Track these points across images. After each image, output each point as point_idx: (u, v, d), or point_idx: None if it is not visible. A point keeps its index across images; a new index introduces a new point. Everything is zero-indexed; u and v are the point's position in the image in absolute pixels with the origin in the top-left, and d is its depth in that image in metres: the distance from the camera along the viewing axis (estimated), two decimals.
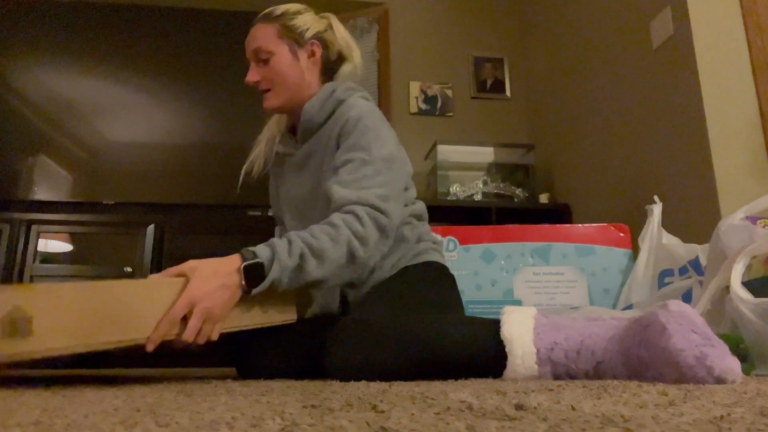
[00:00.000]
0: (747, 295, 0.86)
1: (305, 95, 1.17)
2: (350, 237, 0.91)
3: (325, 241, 0.89)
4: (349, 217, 0.93)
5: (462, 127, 3.14)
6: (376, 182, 0.99)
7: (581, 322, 0.79)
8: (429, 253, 1.17)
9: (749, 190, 1.69)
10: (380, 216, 0.96)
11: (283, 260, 0.85)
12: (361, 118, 1.08)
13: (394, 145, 1.09)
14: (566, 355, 0.75)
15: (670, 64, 1.95)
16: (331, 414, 0.42)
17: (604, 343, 0.74)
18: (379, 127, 1.09)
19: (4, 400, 0.55)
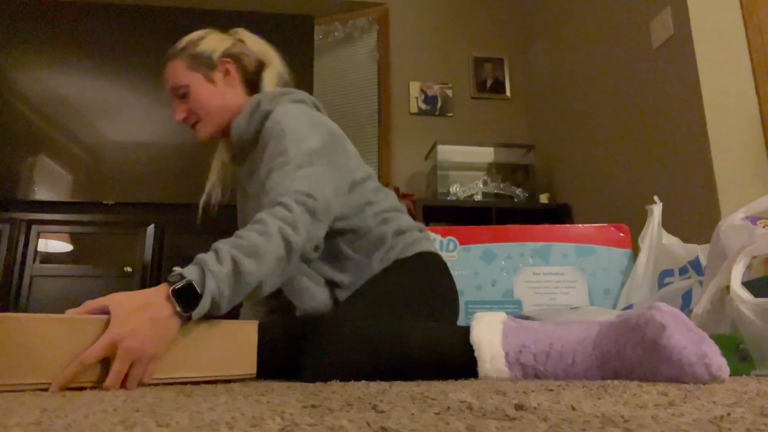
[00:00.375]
0: (747, 295, 0.86)
1: (234, 114, 1.15)
2: (280, 225, 0.85)
3: (255, 237, 0.82)
4: (275, 208, 0.89)
5: (462, 127, 3.15)
6: (298, 175, 0.96)
7: (551, 325, 0.79)
8: (419, 243, 1.15)
9: (749, 190, 1.69)
10: (307, 199, 0.92)
11: (215, 270, 0.75)
12: (277, 124, 1.05)
13: (320, 140, 1.04)
14: (535, 357, 0.75)
15: (670, 64, 1.95)
16: (331, 414, 0.42)
17: (573, 345, 0.75)
18: (298, 126, 1.04)
19: (4, 400, 0.55)
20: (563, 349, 0.75)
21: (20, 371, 0.64)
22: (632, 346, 0.71)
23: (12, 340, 0.64)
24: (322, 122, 1.09)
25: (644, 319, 0.70)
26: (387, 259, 1.10)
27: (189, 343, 0.75)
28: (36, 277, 2.44)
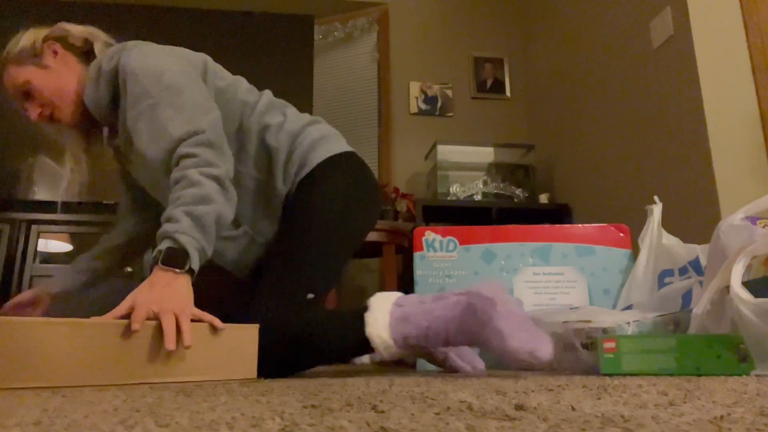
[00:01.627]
0: (747, 295, 0.86)
1: (81, 89, 1.11)
2: (200, 170, 0.90)
3: (190, 191, 0.88)
4: (182, 161, 0.92)
5: (462, 127, 3.15)
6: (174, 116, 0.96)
7: (429, 305, 0.94)
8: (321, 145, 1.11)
9: (749, 190, 1.69)
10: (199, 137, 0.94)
11: (180, 228, 0.85)
12: (128, 68, 1.02)
13: (175, 63, 1.03)
14: (418, 341, 0.93)
15: (670, 64, 1.95)
16: (331, 414, 0.42)
17: (445, 325, 0.92)
18: (148, 61, 1.02)
19: (4, 400, 0.55)
20: (438, 329, 0.92)
21: (21, 375, 0.65)
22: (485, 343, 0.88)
23: (12, 344, 0.65)
24: (165, 49, 1.07)
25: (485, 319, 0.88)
26: (288, 176, 1.09)
27: (196, 354, 0.78)
28: (36, 277, 2.44)
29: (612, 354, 0.88)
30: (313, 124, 1.15)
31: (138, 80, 1.00)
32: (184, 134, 0.94)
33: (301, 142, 1.11)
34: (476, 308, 0.90)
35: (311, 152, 1.10)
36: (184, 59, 1.07)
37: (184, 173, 0.90)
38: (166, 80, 1.00)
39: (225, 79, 1.13)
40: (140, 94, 0.99)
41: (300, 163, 1.09)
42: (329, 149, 1.12)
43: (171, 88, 0.99)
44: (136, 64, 1.02)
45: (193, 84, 1.02)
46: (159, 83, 0.99)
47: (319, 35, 3.31)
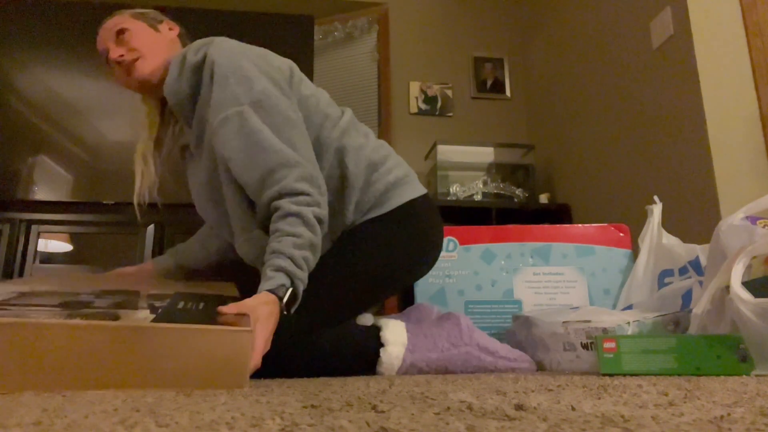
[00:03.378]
0: (747, 295, 0.86)
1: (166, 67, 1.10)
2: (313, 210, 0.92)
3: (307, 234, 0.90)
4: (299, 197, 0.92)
5: (462, 127, 3.15)
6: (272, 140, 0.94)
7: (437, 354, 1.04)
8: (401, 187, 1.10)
9: (749, 190, 1.69)
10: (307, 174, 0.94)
11: (301, 277, 0.88)
12: (213, 63, 1.00)
13: (256, 67, 1.00)
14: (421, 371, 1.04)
15: (670, 64, 1.95)
16: (331, 414, 0.42)
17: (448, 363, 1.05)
18: (234, 63, 1.00)
19: (4, 400, 0.55)
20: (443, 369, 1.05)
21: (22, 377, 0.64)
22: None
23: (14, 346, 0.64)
24: (255, 51, 1.05)
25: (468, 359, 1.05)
26: (360, 209, 1.07)
27: (159, 353, 0.69)
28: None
29: (612, 354, 0.88)
30: (392, 157, 1.13)
31: (227, 82, 0.98)
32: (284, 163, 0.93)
33: (381, 178, 1.08)
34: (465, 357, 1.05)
35: (391, 192, 1.08)
36: (273, 66, 1.04)
37: (300, 210, 0.91)
38: (258, 89, 0.98)
39: (309, 88, 1.10)
40: (228, 97, 0.97)
41: (376, 201, 1.07)
42: (408, 193, 1.10)
43: (263, 102, 0.97)
44: (226, 63, 1.00)
45: (284, 98, 1.00)
46: (250, 91, 0.97)
47: (319, 35, 3.31)
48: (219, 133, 0.98)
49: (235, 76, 0.98)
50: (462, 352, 1.05)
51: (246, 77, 0.98)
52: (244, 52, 1.03)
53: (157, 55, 1.11)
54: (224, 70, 0.99)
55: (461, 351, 1.05)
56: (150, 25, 1.14)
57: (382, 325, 1.04)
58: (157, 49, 1.11)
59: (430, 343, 1.04)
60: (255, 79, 0.98)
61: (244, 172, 0.96)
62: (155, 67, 1.10)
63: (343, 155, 1.07)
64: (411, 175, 1.15)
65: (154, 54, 1.10)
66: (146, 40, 1.11)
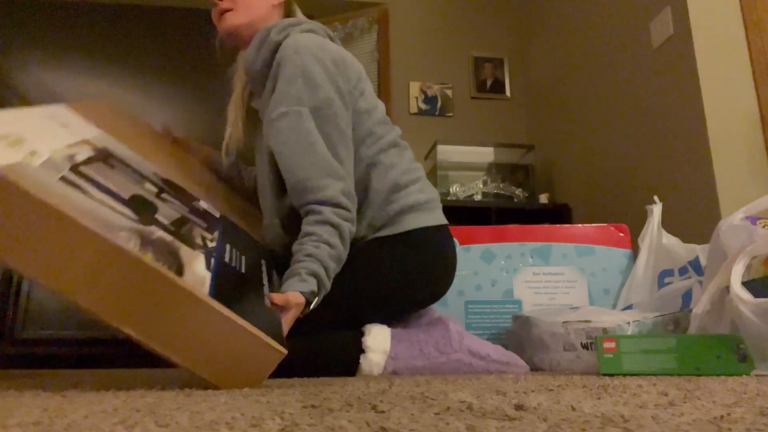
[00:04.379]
0: (747, 295, 0.86)
1: (261, 28, 1.12)
2: (349, 227, 0.96)
3: (338, 246, 0.94)
4: (339, 210, 0.96)
5: (462, 127, 3.14)
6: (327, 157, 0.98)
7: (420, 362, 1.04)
8: (417, 212, 1.10)
9: (749, 190, 1.69)
10: (347, 190, 0.98)
11: (328, 288, 0.93)
12: (289, 61, 1.02)
13: (326, 72, 1.02)
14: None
15: (670, 64, 1.95)
16: (331, 414, 0.42)
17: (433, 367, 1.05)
18: (306, 62, 1.02)
19: (4, 400, 0.55)
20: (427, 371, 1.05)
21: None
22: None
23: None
24: (331, 56, 1.06)
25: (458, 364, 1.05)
26: (372, 226, 1.08)
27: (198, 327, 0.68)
28: None
29: (612, 354, 0.88)
30: (419, 182, 1.15)
31: (295, 80, 1.01)
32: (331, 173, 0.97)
33: (400, 199, 1.09)
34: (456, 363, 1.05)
35: (406, 215, 1.09)
36: (343, 74, 1.06)
37: (340, 223, 0.95)
38: (322, 96, 1.01)
39: (368, 101, 1.12)
40: (292, 95, 1.00)
41: (389, 220, 1.08)
42: (423, 220, 1.10)
43: (323, 110, 1.00)
44: (298, 61, 1.02)
45: (343, 111, 1.03)
46: (314, 96, 1.00)
47: None
48: (274, 125, 1.01)
49: (303, 76, 1.01)
50: (452, 360, 1.04)
51: (314, 81, 1.01)
52: (318, 54, 1.04)
53: (250, 14, 1.13)
54: (294, 68, 1.01)
55: (451, 358, 1.04)
56: None
57: (366, 331, 1.03)
58: (254, 9, 1.13)
59: (416, 350, 1.03)
60: (321, 86, 1.01)
61: (289, 168, 0.99)
62: (241, 24, 1.13)
63: (371, 171, 1.09)
64: (433, 203, 1.14)
65: (248, 11, 1.13)
66: None
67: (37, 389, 0.69)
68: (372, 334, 1.02)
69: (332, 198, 0.95)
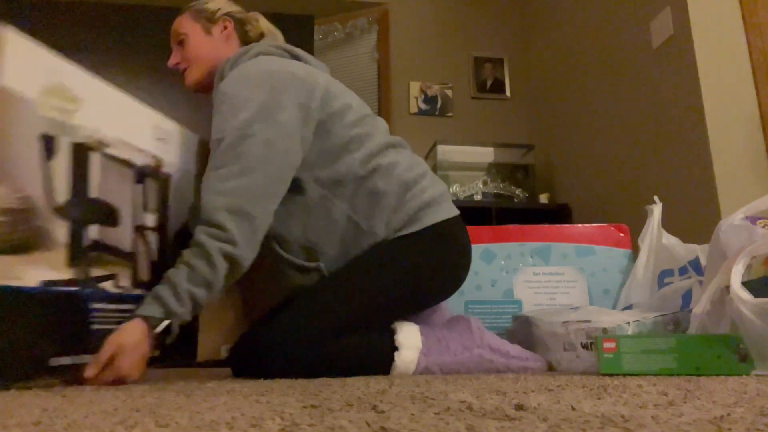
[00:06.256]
0: (747, 295, 0.86)
1: (215, 69, 1.18)
2: (220, 246, 0.91)
3: (203, 268, 0.90)
4: (211, 230, 0.93)
5: (462, 127, 3.15)
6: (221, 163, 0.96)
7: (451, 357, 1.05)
8: (434, 207, 1.08)
9: (749, 190, 1.69)
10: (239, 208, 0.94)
11: (179, 312, 0.89)
12: (219, 94, 1.03)
13: (259, 100, 0.99)
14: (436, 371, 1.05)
15: (670, 64, 1.95)
16: (331, 414, 0.42)
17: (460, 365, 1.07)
18: (237, 92, 1.01)
19: (4, 400, 0.55)
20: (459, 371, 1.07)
21: None
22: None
23: None
24: (274, 70, 1.04)
25: (481, 363, 1.06)
26: (391, 226, 1.05)
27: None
28: None
29: (612, 354, 0.88)
30: (426, 176, 1.12)
31: (219, 107, 1.01)
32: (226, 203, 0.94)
33: (416, 197, 1.07)
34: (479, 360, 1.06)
35: (424, 211, 1.07)
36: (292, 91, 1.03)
37: (206, 241, 0.91)
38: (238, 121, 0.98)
39: (333, 106, 1.07)
40: (216, 126, 1.00)
41: (409, 219, 1.06)
42: (441, 214, 1.09)
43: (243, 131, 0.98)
44: (226, 93, 1.02)
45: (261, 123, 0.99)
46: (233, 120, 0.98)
47: (319, 35, 3.30)
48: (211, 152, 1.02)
49: (226, 104, 1.01)
50: (475, 355, 1.05)
51: (235, 107, 1.00)
52: (251, 78, 1.03)
53: (205, 64, 1.19)
54: (221, 97, 1.02)
55: (474, 354, 1.05)
56: (204, 29, 1.21)
57: (397, 328, 1.04)
58: (205, 57, 1.19)
59: (443, 346, 1.04)
60: (243, 109, 0.99)
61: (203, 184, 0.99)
62: (201, 76, 1.20)
63: (374, 176, 1.06)
64: (445, 195, 1.14)
65: (202, 63, 1.19)
66: (197, 47, 1.20)
67: (37, 389, 0.69)
68: (404, 332, 1.03)
69: (207, 215, 0.93)
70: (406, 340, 1.02)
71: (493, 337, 1.10)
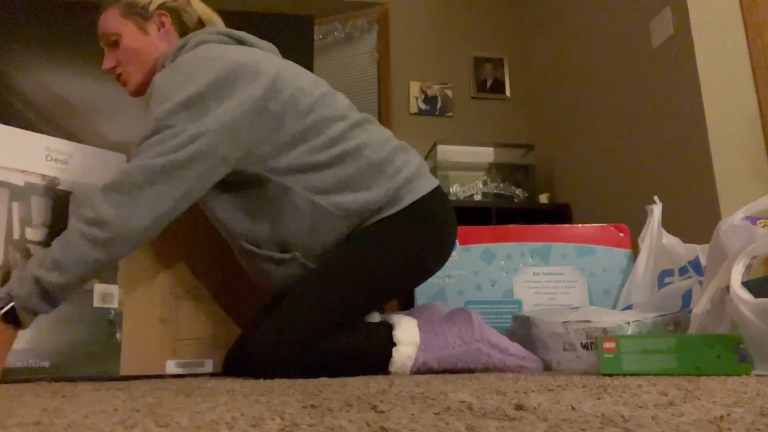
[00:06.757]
0: (747, 295, 0.86)
1: (157, 69, 1.09)
2: (81, 229, 0.87)
3: (56, 251, 0.86)
4: (82, 209, 0.90)
5: (462, 127, 3.14)
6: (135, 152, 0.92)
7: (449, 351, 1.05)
8: (411, 185, 1.05)
9: (749, 190, 1.69)
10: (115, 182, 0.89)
11: (19, 294, 0.85)
12: (151, 87, 0.96)
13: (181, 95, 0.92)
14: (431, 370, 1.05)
15: (670, 64, 1.95)
16: (331, 414, 0.42)
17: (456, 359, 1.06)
18: (165, 85, 0.94)
19: (4, 400, 0.55)
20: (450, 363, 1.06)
21: None
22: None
23: None
24: (212, 57, 0.97)
25: (476, 358, 1.05)
26: (366, 210, 1.01)
27: None
28: None
29: (612, 354, 0.88)
30: (398, 153, 1.07)
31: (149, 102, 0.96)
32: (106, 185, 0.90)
33: (392, 178, 1.03)
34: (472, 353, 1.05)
35: (402, 190, 1.03)
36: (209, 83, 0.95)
37: (71, 224, 0.89)
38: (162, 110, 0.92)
39: (284, 93, 0.99)
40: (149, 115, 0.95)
41: (388, 201, 1.02)
42: (420, 189, 1.05)
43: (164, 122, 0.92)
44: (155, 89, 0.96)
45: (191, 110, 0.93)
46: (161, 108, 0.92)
47: (319, 35, 3.30)
48: None
49: (154, 95, 0.95)
50: (473, 349, 1.04)
51: (161, 97, 0.94)
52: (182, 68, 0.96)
53: (145, 65, 1.10)
54: (155, 87, 0.97)
55: (472, 348, 1.04)
56: (138, 27, 1.10)
57: (395, 324, 1.03)
58: (145, 58, 1.10)
59: (441, 340, 1.04)
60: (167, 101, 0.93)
61: None
62: (144, 79, 1.10)
63: (344, 161, 1.01)
64: (422, 167, 1.09)
65: (141, 65, 1.10)
66: (134, 49, 1.09)
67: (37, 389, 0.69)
68: (402, 327, 1.02)
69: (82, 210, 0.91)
70: (404, 336, 1.01)
71: (494, 333, 1.09)
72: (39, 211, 1.03)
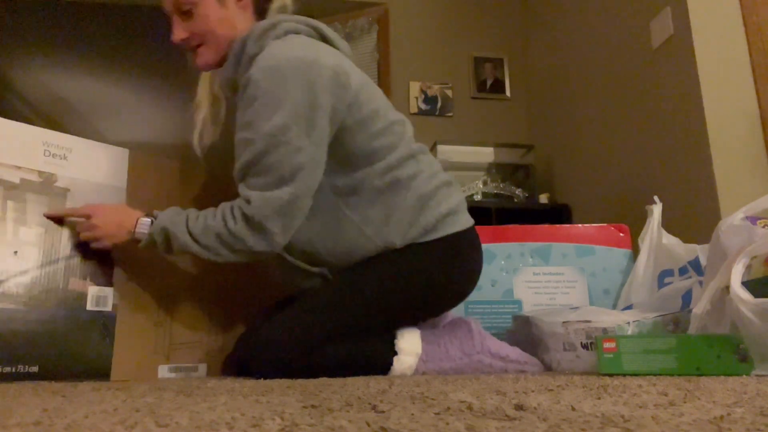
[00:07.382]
0: (747, 295, 0.86)
1: (231, 44, 1.05)
2: (220, 230, 0.95)
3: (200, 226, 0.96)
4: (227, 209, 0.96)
5: (462, 127, 3.14)
6: (254, 171, 0.94)
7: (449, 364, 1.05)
8: (450, 219, 1.05)
9: (749, 190, 1.69)
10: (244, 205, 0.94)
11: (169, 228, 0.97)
12: (251, 82, 0.94)
13: (293, 102, 0.92)
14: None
15: (670, 64, 1.95)
16: (331, 414, 0.42)
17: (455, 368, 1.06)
18: (272, 88, 0.93)
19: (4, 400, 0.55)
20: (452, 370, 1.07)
21: None
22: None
23: None
24: (310, 60, 0.95)
25: (481, 366, 1.06)
26: (407, 237, 1.02)
27: None
28: None
29: (612, 354, 0.88)
30: (445, 187, 1.09)
31: (250, 105, 0.94)
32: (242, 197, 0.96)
33: (432, 210, 1.04)
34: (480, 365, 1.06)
35: (439, 223, 1.04)
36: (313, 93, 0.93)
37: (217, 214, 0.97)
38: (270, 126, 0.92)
39: (362, 112, 0.99)
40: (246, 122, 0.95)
41: (424, 231, 1.03)
42: (456, 226, 1.06)
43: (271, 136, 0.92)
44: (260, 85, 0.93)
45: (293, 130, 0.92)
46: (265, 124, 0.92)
47: None
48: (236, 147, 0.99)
49: (261, 100, 0.93)
50: (474, 361, 1.05)
51: (271, 104, 0.92)
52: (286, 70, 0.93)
53: (222, 40, 1.04)
54: (254, 90, 0.94)
55: (473, 360, 1.05)
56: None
57: (398, 334, 1.04)
58: (221, 34, 1.04)
59: (443, 352, 1.04)
60: (279, 110, 0.92)
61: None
62: (218, 55, 1.06)
63: (392, 189, 1.02)
64: (461, 205, 1.12)
65: (218, 39, 1.04)
66: (212, 23, 1.03)
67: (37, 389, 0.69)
68: (405, 338, 1.03)
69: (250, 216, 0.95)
70: (407, 345, 1.02)
71: (493, 341, 1.09)
72: (34, 210, 1.02)
